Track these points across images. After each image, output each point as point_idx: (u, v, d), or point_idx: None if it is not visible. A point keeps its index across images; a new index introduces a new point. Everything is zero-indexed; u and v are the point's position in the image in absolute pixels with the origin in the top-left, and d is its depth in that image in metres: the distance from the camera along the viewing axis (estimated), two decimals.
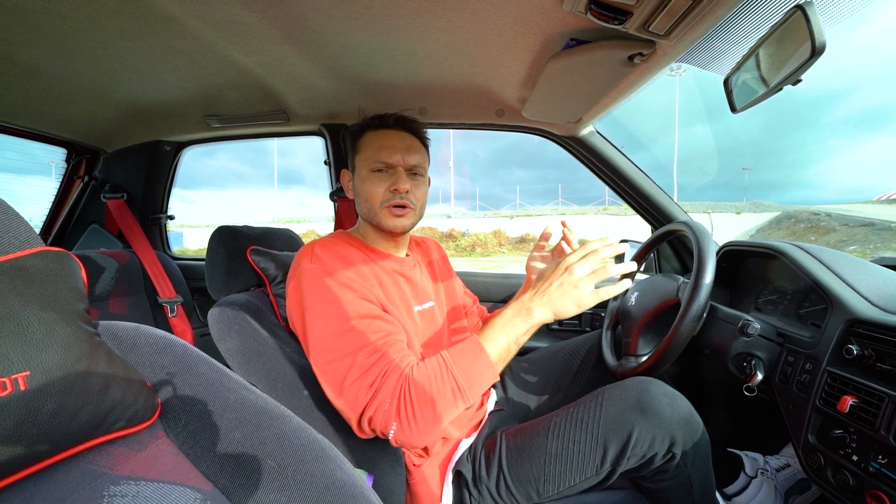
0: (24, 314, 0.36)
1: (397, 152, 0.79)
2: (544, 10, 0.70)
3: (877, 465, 0.56)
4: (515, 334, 0.67)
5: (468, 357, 0.65)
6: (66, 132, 1.39)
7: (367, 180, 0.79)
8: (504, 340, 0.66)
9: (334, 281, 0.69)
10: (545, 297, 0.67)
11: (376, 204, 0.79)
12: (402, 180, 0.78)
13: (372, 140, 0.80)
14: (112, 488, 0.39)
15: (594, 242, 0.70)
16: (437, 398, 0.61)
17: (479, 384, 0.64)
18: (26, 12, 0.77)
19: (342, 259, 0.73)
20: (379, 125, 0.82)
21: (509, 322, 0.67)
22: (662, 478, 0.68)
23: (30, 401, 0.34)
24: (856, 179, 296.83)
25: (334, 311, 0.66)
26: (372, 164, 0.79)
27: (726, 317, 0.84)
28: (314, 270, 0.70)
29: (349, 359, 0.63)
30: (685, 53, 0.70)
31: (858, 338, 0.64)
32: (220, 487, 0.45)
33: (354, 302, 0.68)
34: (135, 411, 0.44)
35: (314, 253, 0.73)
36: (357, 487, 0.49)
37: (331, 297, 0.67)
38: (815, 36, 0.47)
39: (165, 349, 0.52)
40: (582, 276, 0.66)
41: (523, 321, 0.67)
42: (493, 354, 0.65)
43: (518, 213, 26.04)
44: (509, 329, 0.67)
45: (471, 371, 0.64)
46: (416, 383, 0.62)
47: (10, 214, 0.43)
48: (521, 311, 0.68)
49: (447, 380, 0.62)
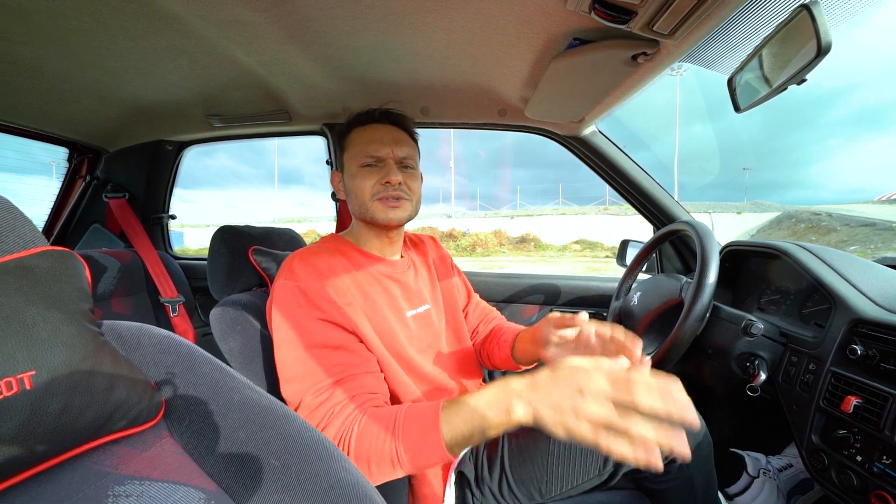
0: (29, 314, 0.36)
1: (385, 145, 0.77)
2: (548, 10, 0.70)
3: (881, 466, 0.56)
4: (482, 423, 0.53)
5: (420, 431, 0.56)
6: (69, 132, 1.39)
7: (356, 176, 0.77)
8: (466, 427, 0.54)
9: (304, 297, 0.66)
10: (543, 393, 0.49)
11: (366, 197, 0.76)
12: (394, 172, 0.75)
13: (359, 136, 0.79)
14: (117, 488, 0.39)
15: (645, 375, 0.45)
16: (374, 458, 0.57)
17: (424, 460, 0.57)
18: (30, 12, 0.77)
19: (320, 275, 0.70)
20: (365, 121, 0.80)
21: (483, 405, 0.53)
22: (665, 478, 0.68)
23: (35, 400, 0.34)
24: (856, 179, 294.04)
25: (297, 335, 0.65)
26: (360, 160, 0.77)
27: (729, 317, 0.84)
28: (286, 288, 0.68)
29: (302, 391, 0.62)
30: (689, 53, 0.70)
31: (862, 338, 0.64)
32: (225, 487, 0.45)
33: (318, 329, 0.65)
34: (139, 411, 0.44)
35: (291, 268, 0.70)
36: (361, 487, 0.49)
37: (295, 321, 0.66)
38: (820, 35, 0.47)
39: (169, 349, 0.52)
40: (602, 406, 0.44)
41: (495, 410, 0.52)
42: (448, 438, 0.54)
43: (518, 212, 26.05)
44: (476, 413, 0.53)
45: (418, 445, 0.56)
46: (358, 437, 0.58)
47: (14, 214, 0.43)
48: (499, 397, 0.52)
49: (389, 445, 0.57)
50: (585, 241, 20.03)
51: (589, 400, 0.44)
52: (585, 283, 1.42)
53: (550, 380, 0.49)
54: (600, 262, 15.42)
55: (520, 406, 0.50)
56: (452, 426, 0.55)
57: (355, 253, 0.80)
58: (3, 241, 0.40)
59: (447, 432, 0.55)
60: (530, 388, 0.50)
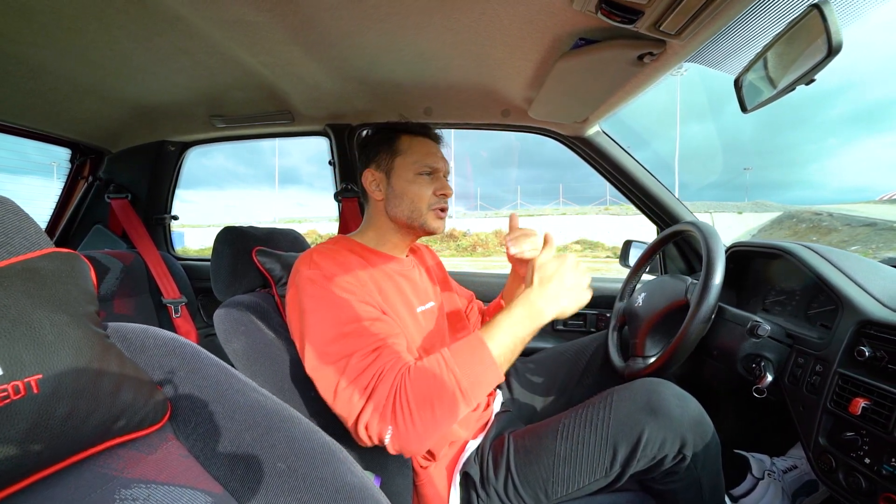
0: (35, 316, 0.36)
1: (440, 159, 0.84)
2: (553, 10, 0.69)
3: (890, 468, 0.55)
4: (522, 334, 0.65)
5: (471, 356, 0.62)
6: (72, 132, 1.39)
7: (414, 182, 0.80)
8: (510, 339, 0.64)
9: (333, 286, 0.68)
10: (557, 296, 0.67)
11: (424, 206, 0.80)
12: (448, 186, 0.83)
13: (418, 145, 0.83)
14: (123, 491, 0.39)
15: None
16: (437, 399, 0.58)
17: (483, 385, 0.62)
18: (35, 13, 0.76)
19: (340, 265, 0.72)
20: (420, 133, 0.85)
21: (518, 322, 0.65)
22: (672, 479, 0.68)
23: (42, 404, 0.34)
24: (855, 178, 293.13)
25: (332, 315, 0.65)
26: (420, 168, 0.81)
27: (734, 318, 0.83)
28: (312, 276, 0.69)
29: (343, 362, 0.61)
30: (695, 53, 0.70)
31: (870, 339, 0.63)
32: (231, 490, 0.45)
33: (353, 306, 0.66)
34: (145, 414, 0.44)
35: (312, 259, 0.72)
36: (367, 491, 0.49)
37: (329, 302, 0.66)
38: (831, 35, 0.47)
39: (174, 351, 0.52)
40: (585, 278, 0.69)
41: (532, 322, 0.66)
42: (497, 354, 0.63)
43: (519, 212, 26.04)
44: (517, 328, 0.65)
45: (474, 370, 0.61)
46: (413, 383, 0.59)
47: (20, 216, 0.43)
48: (531, 310, 0.66)
49: (448, 379, 0.60)
50: (586, 241, 20.00)
51: (582, 268, 0.70)
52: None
53: (550, 280, 0.68)
54: (601, 262, 15.40)
55: (548, 307, 0.66)
56: (498, 343, 0.64)
57: (366, 252, 0.81)
58: (10, 242, 0.40)
59: (495, 349, 0.63)
60: (544, 290, 0.67)
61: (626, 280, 1.13)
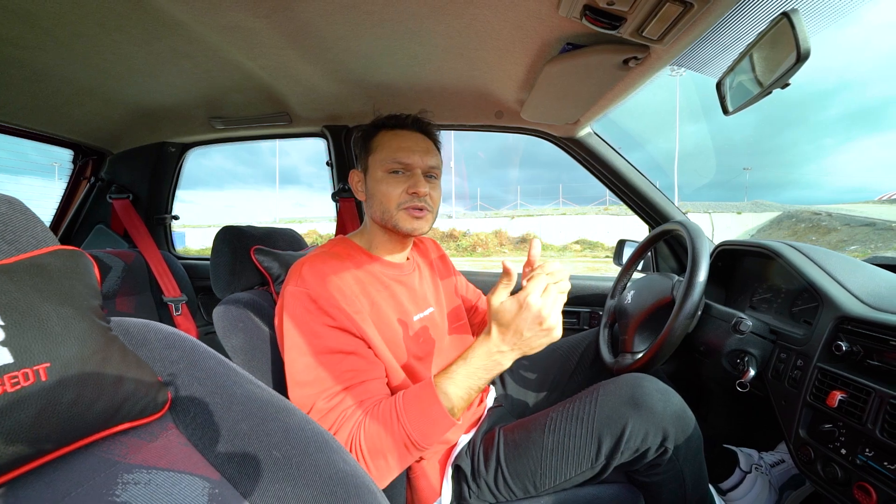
0: (43, 309, 0.38)
1: (415, 154, 0.76)
2: (541, 16, 0.71)
3: (864, 458, 0.57)
4: (479, 384, 0.63)
5: (422, 413, 0.61)
6: (74, 134, 1.42)
7: (382, 181, 0.76)
8: (464, 392, 0.62)
9: (314, 305, 0.67)
10: (516, 345, 0.61)
11: (392, 206, 0.75)
12: (422, 182, 0.76)
13: (388, 140, 0.78)
14: (126, 475, 0.41)
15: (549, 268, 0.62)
16: (388, 451, 0.60)
17: (435, 435, 0.61)
18: (38, 17, 0.79)
19: (329, 282, 0.70)
20: (395, 125, 0.80)
21: (474, 374, 0.62)
22: (656, 472, 0.70)
23: (50, 391, 0.36)
24: (853, 178, 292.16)
25: (307, 341, 0.66)
26: (389, 165, 0.76)
27: (720, 315, 0.85)
28: (297, 294, 0.68)
29: (313, 396, 0.64)
30: (679, 57, 0.72)
31: (847, 334, 0.66)
32: (228, 477, 0.47)
33: (328, 335, 0.66)
34: (146, 403, 0.46)
35: (301, 274, 0.70)
36: (360, 478, 0.51)
37: (306, 327, 0.66)
38: (799, 42, 0.49)
39: (174, 345, 0.54)
40: (553, 314, 0.59)
41: (489, 373, 0.63)
42: (450, 407, 0.61)
43: (519, 212, 26.05)
44: (472, 380, 0.62)
45: (424, 425, 0.61)
46: (367, 436, 0.61)
47: (27, 215, 0.45)
48: (487, 361, 0.62)
49: (399, 433, 0.60)
50: (586, 241, 20.02)
51: (544, 310, 0.59)
52: (582, 282, 1.43)
53: (508, 328, 0.60)
54: (600, 262, 15.41)
55: (506, 359, 0.62)
56: (451, 396, 0.62)
57: (364, 257, 0.80)
58: (18, 240, 0.42)
59: (447, 402, 0.61)
60: (503, 340, 0.61)
61: (618, 278, 1.16)
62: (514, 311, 0.60)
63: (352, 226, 1.45)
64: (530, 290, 0.59)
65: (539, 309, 0.58)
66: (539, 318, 0.59)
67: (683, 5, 0.56)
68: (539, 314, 0.59)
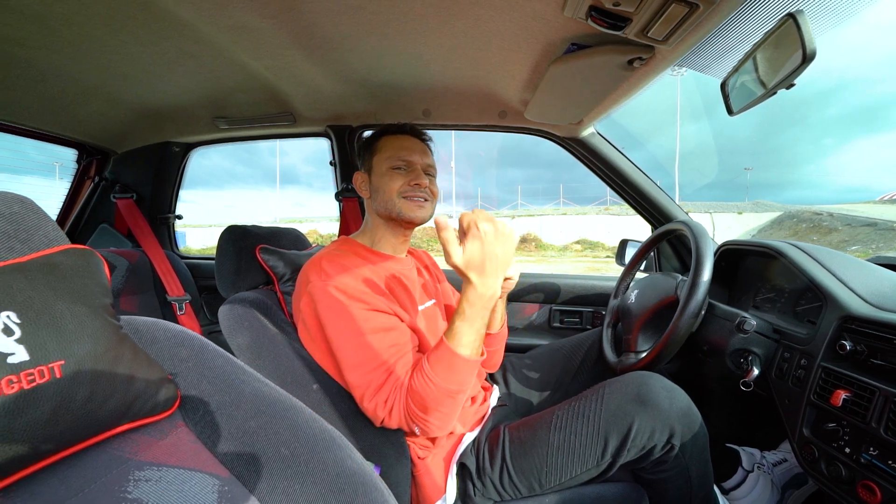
0: (57, 307, 0.38)
1: (415, 153, 0.86)
2: (546, 17, 0.72)
3: (868, 457, 0.58)
4: (484, 321, 0.66)
5: (448, 368, 0.65)
6: (79, 134, 1.42)
7: (386, 175, 0.83)
8: (475, 335, 0.66)
9: (345, 295, 0.71)
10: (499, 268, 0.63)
11: (395, 194, 0.82)
12: (422, 175, 0.84)
13: (391, 142, 0.86)
14: (137, 473, 0.42)
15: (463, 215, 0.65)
16: (439, 406, 0.65)
17: (468, 379, 0.67)
18: (46, 19, 0.79)
19: (349, 271, 0.75)
20: (396, 131, 0.88)
21: (475, 318, 0.65)
22: (662, 469, 0.70)
23: (64, 388, 0.36)
24: (853, 178, 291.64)
25: (349, 326, 0.70)
26: (392, 162, 0.84)
27: (724, 314, 0.86)
28: (325, 290, 0.72)
29: (367, 374, 0.69)
30: (683, 57, 0.72)
31: (851, 334, 0.66)
32: (237, 474, 0.48)
33: (365, 316, 0.71)
34: (156, 401, 0.46)
35: (321, 268, 0.75)
36: (367, 476, 0.51)
37: (344, 313, 0.71)
38: (805, 43, 0.49)
39: (183, 343, 0.54)
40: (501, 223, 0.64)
41: (487, 309, 0.65)
42: (468, 354, 0.65)
43: (519, 212, 26.03)
44: (477, 323, 0.65)
45: (455, 377, 0.65)
46: (416, 402, 0.65)
47: (39, 214, 0.46)
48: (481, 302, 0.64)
49: (439, 392, 0.64)
50: (586, 241, 20.01)
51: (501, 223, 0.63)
52: (585, 282, 1.44)
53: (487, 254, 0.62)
54: (601, 262, 15.41)
55: (496, 287, 0.64)
56: (465, 344, 0.65)
57: (368, 254, 0.84)
58: (31, 239, 0.43)
59: (464, 350, 0.65)
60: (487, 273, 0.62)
61: (621, 278, 1.16)
62: (479, 247, 0.62)
63: (355, 225, 1.46)
64: (476, 219, 0.62)
65: (494, 224, 0.63)
66: (499, 230, 0.63)
67: (689, 6, 0.56)
68: (497, 228, 0.63)
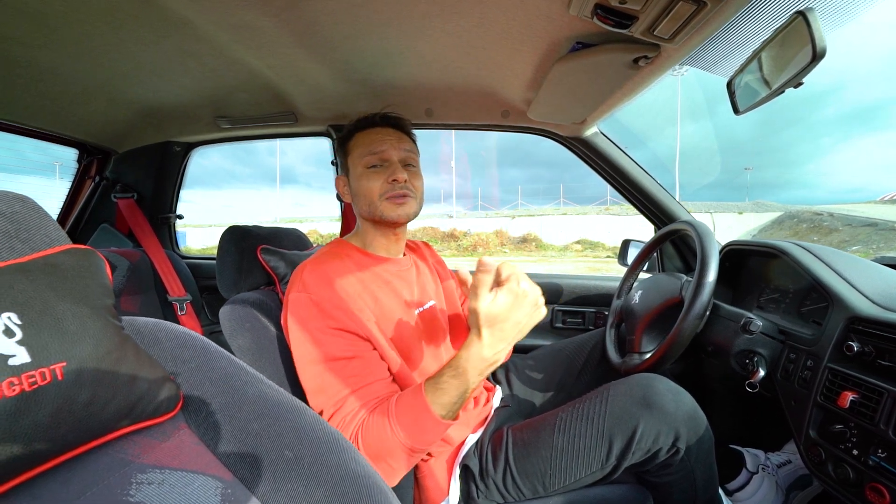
0: (59, 308, 0.38)
1: (388, 143, 0.80)
2: (551, 15, 0.71)
3: (876, 459, 0.57)
4: (472, 387, 0.62)
5: (415, 422, 0.62)
6: (80, 133, 1.41)
7: (363, 177, 0.79)
8: (457, 398, 0.62)
9: (318, 312, 0.68)
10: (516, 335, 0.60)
11: (375, 197, 0.78)
12: (399, 170, 0.78)
13: (362, 139, 0.81)
14: (139, 475, 0.41)
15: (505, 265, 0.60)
16: (388, 456, 0.62)
17: (429, 439, 0.63)
18: (46, 17, 0.79)
19: (331, 283, 0.72)
20: (366, 125, 0.83)
21: (466, 380, 0.61)
22: (667, 472, 0.70)
23: (66, 390, 0.36)
24: (853, 178, 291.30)
25: (312, 348, 0.68)
26: (366, 160, 0.79)
27: (729, 315, 0.85)
28: (299, 300, 0.70)
29: (322, 403, 0.66)
30: (689, 56, 0.72)
31: (859, 335, 0.65)
32: (240, 477, 0.47)
33: (332, 340, 0.68)
34: (159, 403, 0.46)
35: (302, 279, 0.72)
36: (371, 479, 0.51)
37: (311, 334, 0.68)
38: (815, 41, 0.49)
39: (186, 344, 0.54)
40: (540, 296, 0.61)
41: (482, 374, 0.62)
42: (443, 415, 0.62)
43: (520, 212, 26.03)
44: (466, 386, 0.61)
45: (418, 433, 0.62)
46: (366, 443, 0.62)
47: (40, 213, 0.45)
48: (480, 366, 0.60)
49: (395, 442, 0.61)
50: (586, 241, 20.00)
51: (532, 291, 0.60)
52: (586, 283, 1.43)
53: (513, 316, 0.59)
54: (601, 262, 15.40)
55: (503, 354, 0.61)
56: (442, 405, 0.61)
57: (361, 256, 0.81)
58: (32, 239, 0.42)
59: (439, 410, 0.61)
60: (504, 336, 0.59)
61: (624, 278, 1.15)
62: (509, 303, 0.58)
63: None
64: (518, 277, 0.59)
65: (535, 290, 0.60)
66: (535, 299, 0.60)
67: (696, 4, 0.56)
68: (535, 296, 0.60)
